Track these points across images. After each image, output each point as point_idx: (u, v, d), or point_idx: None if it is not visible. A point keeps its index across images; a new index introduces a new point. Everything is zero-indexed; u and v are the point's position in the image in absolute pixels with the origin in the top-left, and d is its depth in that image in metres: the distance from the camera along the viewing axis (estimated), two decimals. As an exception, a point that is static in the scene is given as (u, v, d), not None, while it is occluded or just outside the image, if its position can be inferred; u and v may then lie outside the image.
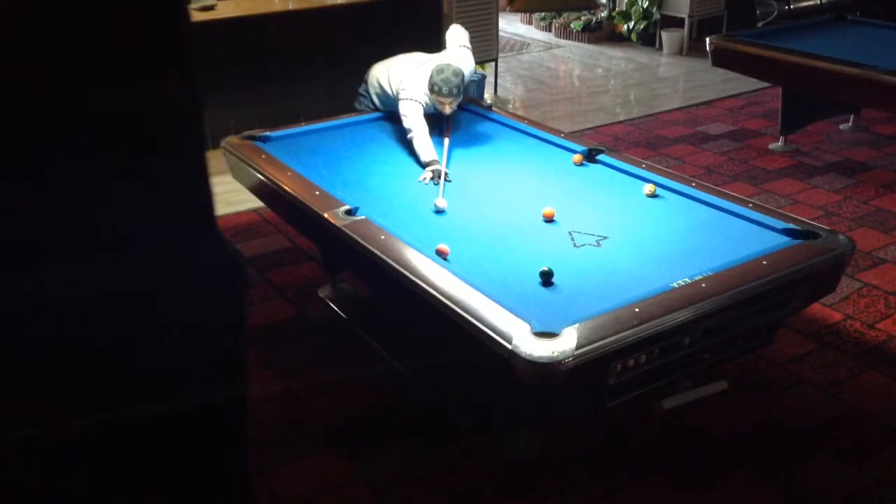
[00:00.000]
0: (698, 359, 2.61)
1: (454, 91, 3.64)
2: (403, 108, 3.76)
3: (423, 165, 3.54)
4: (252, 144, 3.72)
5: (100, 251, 1.18)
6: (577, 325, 2.22)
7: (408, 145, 3.72)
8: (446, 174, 3.46)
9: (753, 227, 2.93)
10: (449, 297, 2.42)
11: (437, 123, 3.85)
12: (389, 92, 3.98)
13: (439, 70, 3.64)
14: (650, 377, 2.49)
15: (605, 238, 2.89)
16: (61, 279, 1.15)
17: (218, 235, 1.29)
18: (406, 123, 3.73)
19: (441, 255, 2.69)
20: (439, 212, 3.13)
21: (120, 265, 1.19)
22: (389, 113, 4.14)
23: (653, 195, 3.22)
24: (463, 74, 3.69)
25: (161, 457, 1.34)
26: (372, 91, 4.18)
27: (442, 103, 3.71)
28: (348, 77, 4.45)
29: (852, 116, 6.25)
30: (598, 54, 9.06)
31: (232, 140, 3.78)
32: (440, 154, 3.59)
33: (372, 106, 4.24)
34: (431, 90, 3.67)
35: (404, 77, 3.86)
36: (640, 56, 8.85)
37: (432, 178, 3.45)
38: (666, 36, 8.85)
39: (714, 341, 2.57)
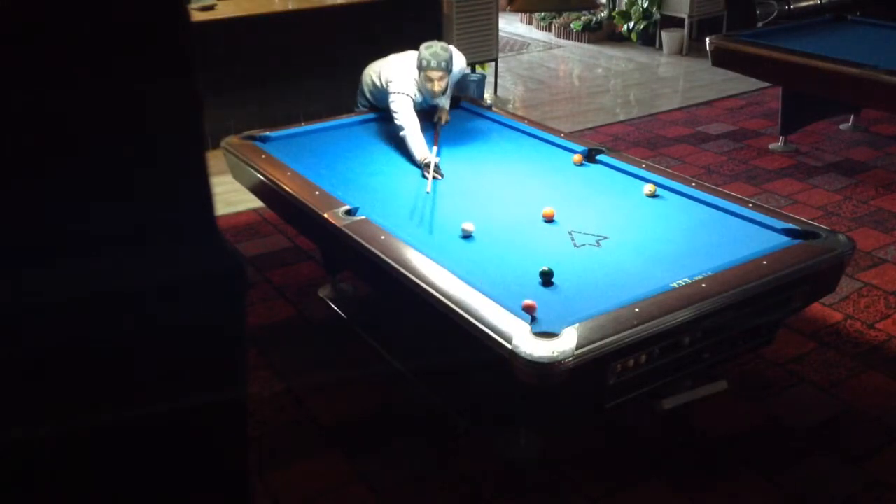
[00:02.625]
0: (698, 359, 2.61)
1: (443, 65, 3.65)
2: (393, 103, 3.75)
3: (419, 164, 3.53)
4: (252, 144, 3.72)
5: (99, 251, 1.18)
6: (577, 325, 2.22)
7: (400, 142, 3.71)
8: (437, 166, 3.45)
9: (753, 227, 2.93)
10: (449, 297, 2.42)
11: (427, 131, 3.83)
12: (381, 87, 3.98)
13: (427, 46, 3.66)
14: (650, 377, 2.49)
15: (605, 238, 2.88)
16: (61, 279, 1.15)
17: (218, 235, 1.29)
18: (397, 120, 3.71)
19: (528, 310, 2.35)
20: (467, 237, 2.91)
21: (120, 265, 1.19)
22: (387, 111, 4.15)
23: (653, 195, 3.22)
24: (451, 52, 3.71)
25: (161, 457, 1.34)
26: (366, 89, 4.19)
27: (431, 80, 3.69)
28: (348, 77, 4.46)
29: (852, 116, 6.25)
30: (598, 54, 9.06)
31: (232, 140, 3.79)
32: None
33: (368, 104, 4.24)
34: (420, 67, 3.67)
35: (393, 71, 3.87)
36: (640, 56, 8.85)
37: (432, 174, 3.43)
38: (666, 36, 8.85)
39: (714, 341, 2.57)
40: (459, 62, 4.00)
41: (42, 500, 1.29)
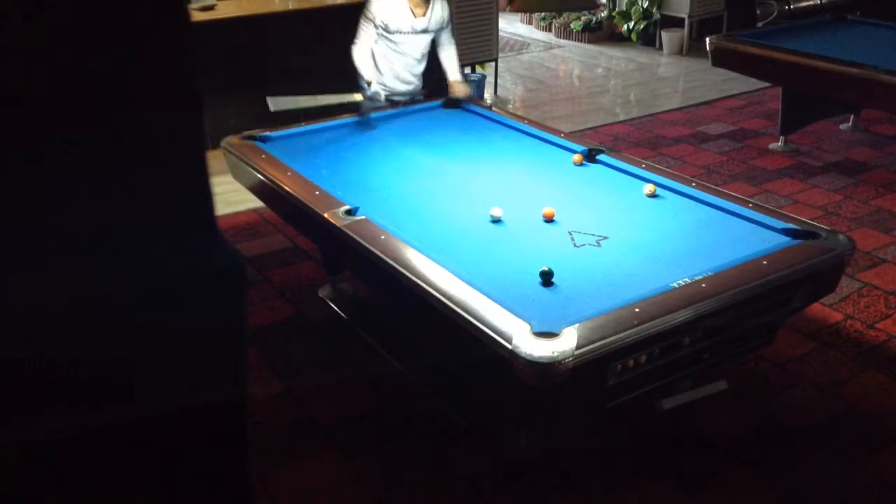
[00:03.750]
0: (698, 359, 2.62)
1: None
2: (359, 27, 4.20)
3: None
4: (252, 144, 3.72)
5: (99, 252, 1.18)
6: (577, 325, 2.22)
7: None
8: (374, 95, 4.07)
9: (753, 227, 2.93)
10: (449, 297, 2.42)
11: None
12: None
13: None
14: (650, 377, 2.49)
15: (605, 238, 2.88)
16: (59, 280, 1.15)
17: (218, 235, 1.29)
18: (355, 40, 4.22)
19: None
20: (496, 221, 3.03)
21: (119, 266, 1.19)
22: (390, 111, 4.18)
23: (653, 195, 3.22)
24: None
25: (161, 457, 1.34)
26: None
27: None
28: (348, 77, 4.47)
29: (852, 116, 6.25)
30: (598, 54, 9.06)
31: (232, 140, 3.79)
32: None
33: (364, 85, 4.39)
34: None
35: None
36: (640, 56, 8.86)
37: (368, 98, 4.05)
38: (666, 36, 8.85)
39: (714, 341, 2.57)
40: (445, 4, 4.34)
41: (41, 501, 1.29)
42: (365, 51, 4.20)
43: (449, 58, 4.42)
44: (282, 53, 6.00)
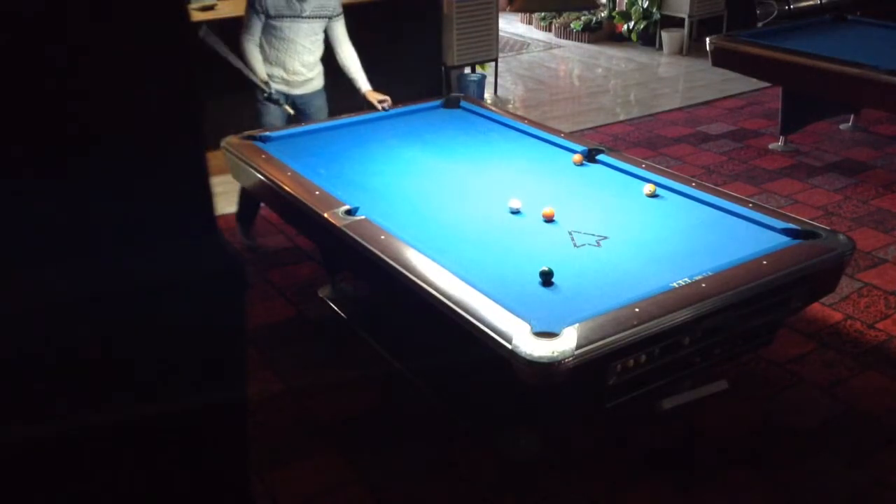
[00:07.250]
0: (698, 358, 2.61)
1: None
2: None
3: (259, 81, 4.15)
4: (252, 144, 3.72)
5: (100, 252, 1.18)
6: (577, 325, 2.22)
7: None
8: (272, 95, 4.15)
9: (753, 227, 2.93)
10: (449, 297, 2.42)
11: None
12: None
13: None
14: (650, 377, 2.49)
15: (605, 238, 2.88)
16: (61, 279, 1.15)
17: (218, 235, 1.29)
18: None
19: None
20: (515, 212, 3.08)
21: (120, 265, 1.19)
22: (389, 111, 4.19)
23: (653, 195, 3.22)
24: None
25: (161, 456, 1.34)
26: None
27: None
28: (348, 77, 4.46)
29: (852, 116, 6.25)
30: (598, 54, 9.06)
31: (232, 140, 3.78)
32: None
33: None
34: None
35: None
36: (640, 56, 8.85)
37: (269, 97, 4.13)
38: (666, 36, 8.85)
39: (714, 341, 2.57)
40: None
41: (42, 500, 1.29)
42: (255, 44, 4.16)
43: (351, 60, 4.33)
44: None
